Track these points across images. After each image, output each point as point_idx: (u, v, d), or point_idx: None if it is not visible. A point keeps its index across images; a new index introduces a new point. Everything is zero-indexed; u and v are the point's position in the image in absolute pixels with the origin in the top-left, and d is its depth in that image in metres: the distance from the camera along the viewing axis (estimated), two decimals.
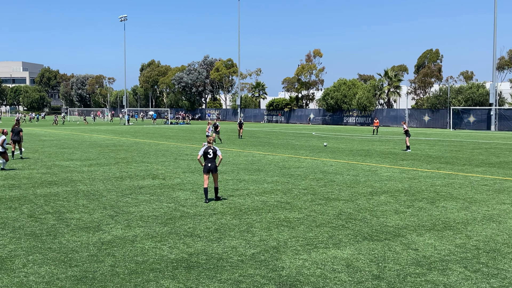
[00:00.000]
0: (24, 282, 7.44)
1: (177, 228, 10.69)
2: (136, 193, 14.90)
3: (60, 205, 13.06)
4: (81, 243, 9.53)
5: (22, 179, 17.48)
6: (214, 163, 13.43)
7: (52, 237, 9.95)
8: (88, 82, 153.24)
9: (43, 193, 14.81)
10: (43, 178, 17.90)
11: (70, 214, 12.06)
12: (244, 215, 12.03)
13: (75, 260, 8.46)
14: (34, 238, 9.86)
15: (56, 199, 13.89)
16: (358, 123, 79.65)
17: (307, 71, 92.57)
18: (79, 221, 11.33)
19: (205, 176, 13.48)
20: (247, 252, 8.97)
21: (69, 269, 8.00)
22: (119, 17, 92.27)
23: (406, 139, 29.87)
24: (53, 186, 16.19)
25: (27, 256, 8.66)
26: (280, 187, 16.16)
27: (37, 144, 34.16)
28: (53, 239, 9.76)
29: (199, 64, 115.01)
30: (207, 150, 13.43)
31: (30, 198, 14.09)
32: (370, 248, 9.23)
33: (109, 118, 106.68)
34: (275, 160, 24.30)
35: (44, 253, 8.87)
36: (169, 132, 52.98)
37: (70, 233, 10.26)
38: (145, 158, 24.72)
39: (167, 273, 7.86)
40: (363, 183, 17.00)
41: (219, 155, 13.50)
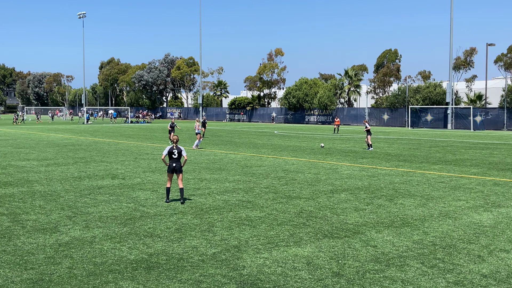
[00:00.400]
0: None
1: (137, 229, 10.55)
2: (95, 194, 14.63)
3: (16, 206, 12.69)
4: (38, 245, 9.28)
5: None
6: (179, 163, 13.24)
7: (6, 239, 9.66)
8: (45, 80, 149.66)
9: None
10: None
11: (26, 215, 11.74)
12: (206, 214, 11.97)
13: (31, 263, 8.23)
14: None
15: (11, 200, 13.50)
16: (319, 121, 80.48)
17: (269, 69, 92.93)
18: (36, 222, 11.04)
19: (169, 175, 13.31)
20: (208, 252, 8.93)
21: (25, 272, 7.79)
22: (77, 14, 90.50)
23: (368, 138, 30.11)
24: (8, 186, 15.73)
25: None
26: (242, 186, 16.16)
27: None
28: (8, 242, 9.48)
29: (160, 62, 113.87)
30: (172, 150, 13.25)
31: None
32: (330, 246, 9.33)
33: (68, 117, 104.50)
34: (237, 159, 24.29)
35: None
36: (129, 131, 52.28)
37: (26, 235, 9.99)
38: (104, 158, 24.31)
39: (127, 274, 7.74)
40: (324, 181, 17.18)
41: (184, 155, 13.34)
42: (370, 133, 30.39)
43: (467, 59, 73.07)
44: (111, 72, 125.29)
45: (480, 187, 16.03)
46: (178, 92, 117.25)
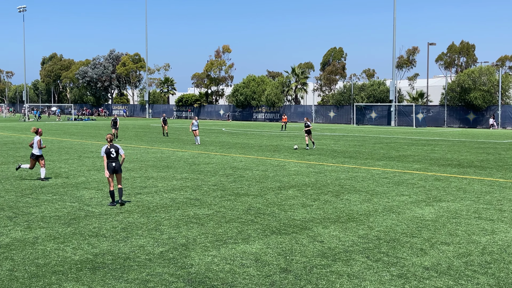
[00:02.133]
0: None
1: (82, 228, 10.29)
2: (37, 193, 14.16)
3: None
4: None
5: None
6: (118, 163, 12.65)
7: None
8: None
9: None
10: None
11: None
12: (152, 213, 11.82)
13: None
14: None
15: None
16: (267, 119, 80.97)
17: (216, 67, 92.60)
18: None
19: (110, 177, 12.56)
20: (155, 251, 8.82)
21: None
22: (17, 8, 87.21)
23: (309, 137, 28.93)
24: None
25: None
26: (190, 183, 16.05)
27: None
28: None
29: (104, 58, 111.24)
30: (110, 150, 12.57)
31: None
32: (278, 242, 9.41)
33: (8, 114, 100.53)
34: (184, 156, 24.10)
35: None
36: (73, 128, 50.90)
37: None
38: (47, 156, 23.54)
39: (71, 275, 7.54)
40: (272, 178, 17.31)
41: (121, 154, 12.75)
42: (310, 132, 29.03)
43: (410, 57, 75.40)
44: (53, 68, 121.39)
45: (422, 182, 16.58)
46: (124, 89, 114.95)
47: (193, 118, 32.97)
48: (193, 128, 32.01)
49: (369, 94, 70.18)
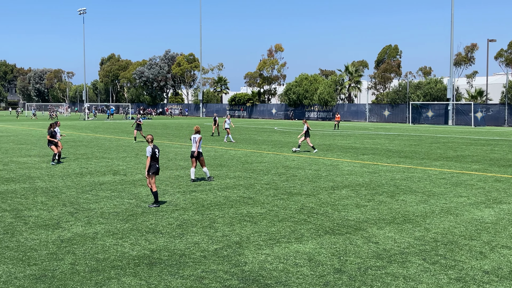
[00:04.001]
0: None
1: (139, 225, 10.58)
2: (97, 190, 14.65)
3: (18, 203, 12.72)
4: (40, 241, 9.31)
5: None
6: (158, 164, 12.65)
7: (9, 235, 9.69)
8: (46, 76, 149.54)
9: (0, 191, 14.41)
10: (0, 175, 17.41)
11: (28, 211, 11.76)
12: (207, 210, 11.99)
13: (33, 259, 8.26)
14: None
15: (14, 197, 13.52)
16: (319, 118, 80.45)
17: (269, 66, 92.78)
18: (38, 218, 11.07)
19: (154, 178, 12.46)
20: (210, 248, 8.95)
21: (28, 268, 7.81)
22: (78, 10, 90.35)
23: (308, 140, 25.92)
24: (10, 183, 15.75)
25: None
26: (243, 182, 16.18)
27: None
28: (11, 238, 9.51)
29: (160, 58, 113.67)
30: (154, 150, 12.48)
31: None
32: (332, 242, 9.35)
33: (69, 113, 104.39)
34: (237, 155, 24.30)
35: (1, 252, 8.63)
36: (130, 127, 52.25)
37: (29, 231, 10.02)
38: (105, 154, 24.33)
39: (129, 270, 7.77)
40: (325, 177, 17.19)
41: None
42: (309, 134, 26.14)
43: (468, 55, 72.99)
44: (111, 68, 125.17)
45: (481, 183, 16.04)
46: (179, 89, 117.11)
47: (226, 116, 33.92)
48: (226, 126, 33.25)
49: (425, 92, 68.47)
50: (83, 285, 7.16)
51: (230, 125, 34.00)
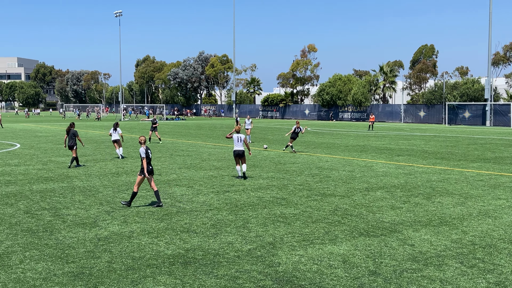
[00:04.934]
0: (21, 278, 7.43)
1: (174, 224, 10.70)
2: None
3: (56, 201, 13.04)
4: (78, 239, 9.52)
5: (18, 175, 17.43)
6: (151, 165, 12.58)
7: (48, 233, 9.94)
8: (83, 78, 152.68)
9: (39, 189, 14.78)
10: (39, 174, 17.85)
11: (67, 210, 12.04)
12: (240, 211, 12.04)
13: (71, 256, 8.45)
14: (30, 234, 9.85)
15: (52, 195, 13.86)
16: (353, 118, 79.76)
17: (302, 66, 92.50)
18: (76, 217, 11.32)
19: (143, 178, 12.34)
20: (244, 248, 8.98)
21: (66, 265, 8.00)
22: (114, 13, 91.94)
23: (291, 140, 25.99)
24: (49, 182, 16.15)
25: (24, 252, 8.65)
26: (276, 182, 16.18)
27: (33, 140, 34.05)
28: (50, 235, 9.75)
29: (194, 60, 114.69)
30: (148, 151, 12.44)
31: (26, 194, 14.06)
32: (367, 244, 9.26)
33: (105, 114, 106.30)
34: (270, 155, 24.31)
35: (41, 249, 8.86)
36: (164, 128, 52.89)
37: (67, 229, 10.25)
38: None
39: (164, 269, 7.86)
40: (359, 178, 17.04)
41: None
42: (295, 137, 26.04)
43: (507, 54, 71.16)
44: (146, 70, 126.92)
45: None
46: (212, 90, 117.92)
47: (246, 117, 33.76)
48: (246, 127, 32.97)
49: (462, 92, 67.07)
50: (119, 283, 7.28)
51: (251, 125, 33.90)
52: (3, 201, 13.02)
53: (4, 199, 13.35)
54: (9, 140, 33.68)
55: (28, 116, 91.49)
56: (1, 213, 11.63)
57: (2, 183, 15.88)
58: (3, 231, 10.08)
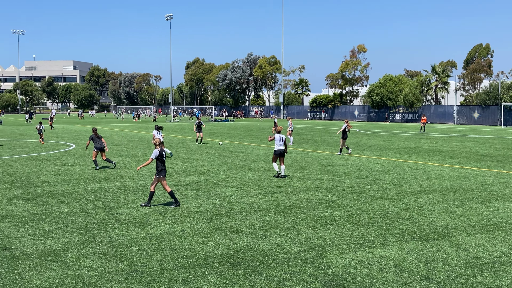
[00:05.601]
0: (77, 275, 7.69)
1: (223, 224, 10.80)
2: (183, 189, 15.13)
3: (110, 200, 13.40)
4: (131, 237, 9.76)
5: (74, 175, 18.03)
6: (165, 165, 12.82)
7: (103, 231, 10.23)
8: (135, 80, 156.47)
9: (94, 189, 15.24)
10: (94, 173, 18.41)
11: (120, 209, 12.36)
12: (289, 212, 12.03)
13: (125, 255, 8.67)
14: (86, 232, 10.17)
15: (106, 195, 14.26)
16: (404, 120, 78.21)
17: (351, 67, 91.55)
18: (129, 216, 11.60)
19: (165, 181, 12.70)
20: (293, 250, 8.97)
21: (120, 263, 8.21)
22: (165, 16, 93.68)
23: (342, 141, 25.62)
24: (103, 181, 16.63)
25: (80, 250, 8.94)
26: (325, 184, 16.07)
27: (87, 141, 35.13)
28: (104, 234, 10.04)
29: (242, 61, 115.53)
30: (162, 153, 12.68)
31: (81, 193, 14.52)
32: (419, 248, 9.06)
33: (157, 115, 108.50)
34: (319, 157, 24.17)
35: (96, 247, 9.13)
36: (213, 129, 53.46)
37: (120, 227, 10.53)
38: (190, 155, 25.06)
39: (214, 269, 7.95)
40: (411, 181, 16.70)
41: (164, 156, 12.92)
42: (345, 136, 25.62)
43: None
44: (196, 72, 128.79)
45: None
46: (260, 91, 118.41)
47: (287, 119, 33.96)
48: (289, 128, 33.06)
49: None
50: (171, 281, 7.42)
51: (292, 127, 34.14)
52: (60, 200, 13.50)
53: (61, 197, 13.85)
54: (64, 141, 34.89)
55: (82, 118, 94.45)
56: (58, 212, 12.07)
57: (59, 182, 16.47)
58: (60, 228, 10.46)
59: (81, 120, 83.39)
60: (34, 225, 10.71)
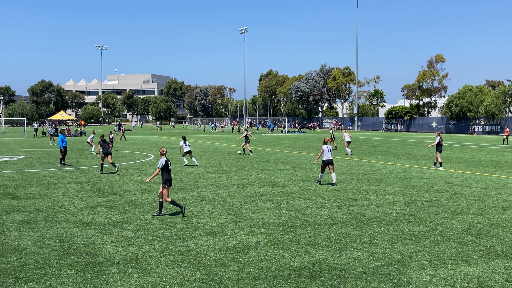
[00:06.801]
0: (158, 282, 7.93)
1: (298, 236, 10.77)
2: (257, 200, 15.25)
3: (188, 210, 13.74)
4: (208, 247, 9.95)
5: (153, 184, 18.64)
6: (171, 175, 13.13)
7: (181, 240, 10.50)
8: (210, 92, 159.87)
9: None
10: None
11: (197, 218, 12.65)
12: (365, 226, 11.81)
13: (203, 264, 8.85)
14: (165, 240, 10.48)
15: (184, 204, 14.63)
16: (485, 132, 74.78)
17: (428, 77, 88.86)
18: (205, 225, 11.84)
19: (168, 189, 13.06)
20: (370, 264, 8.79)
21: (198, 272, 8.39)
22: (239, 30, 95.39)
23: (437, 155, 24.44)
24: (181, 191, 17.08)
25: (160, 258, 9.22)
26: (402, 198, 15.65)
27: None
28: (182, 242, 10.30)
29: (316, 73, 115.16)
30: (168, 163, 13.09)
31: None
32: (505, 267, 8.61)
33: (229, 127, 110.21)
34: (395, 170, 23.59)
35: (175, 255, 9.39)
36: (286, 140, 53.55)
37: (198, 237, 10.76)
38: (264, 166, 25.22)
39: (290, 281, 7.94)
40: (494, 196, 15.92)
41: None
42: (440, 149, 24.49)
43: None
44: (269, 83, 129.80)
45: None
46: (334, 102, 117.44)
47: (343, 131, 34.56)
48: (347, 139, 34.04)
49: None
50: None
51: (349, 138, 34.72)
52: (140, 209, 14.01)
53: (141, 206, 14.36)
54: (144, 151, 36.19)
55: (160, 129, 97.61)
56: (139, 220, 12.52)
57: (139, 191, 17.10)
58: (141, 236, 10.84)
59: (159, 132, 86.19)
60: (116, 233, 11.17)
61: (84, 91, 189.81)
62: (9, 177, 20.96)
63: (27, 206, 14.37)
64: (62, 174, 22.05)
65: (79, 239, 10.55)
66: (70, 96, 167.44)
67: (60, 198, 15.68)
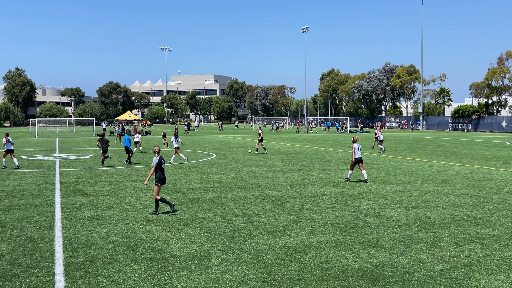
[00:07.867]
0: (220, 280, 8.04)
1: (361, 238, 10.61)
2: (318, 200, 15.15)
3: (249, 209, 13.84)
4: (269, 246, 9.98)
5: (215, 183, 18.92)
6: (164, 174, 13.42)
7: (242, 238, 10.59)
8: (271, 92, 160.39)
9: (234, 197, 15.86)
10: (233, 182, 19.16)
11: (258, 217, 12.72)
12: (431, 228, 11.47)
13: (264, 262, 8.89)
14: (227, 238, 10.61)
15: (245, 203, 14.76)
16: None
17: (498, 75, 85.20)
18: (266, 224, 11.89)
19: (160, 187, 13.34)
20: (436, 268, 8.53)
21: (259, 271, 8.44)
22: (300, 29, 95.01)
23: None
24: (242, 190, 17.23)
25: (222, 255, 9.34)
26: (470, 200, 15.09)
27: (226, 150, 36.70)
28: (244, 241, 10.39)
29: (379, 71, 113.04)
30: (161, 161, 13.35)
31: (222, 201, 15.19)
32: None
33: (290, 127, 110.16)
34: (462, 171, 22.77)
35: (236, 253, 9.48)
36: (347, 140, 52.87)
37: (259, 236, 10.82)
38: (325, 166, 25.02)
39: (353, 283, 7.83)
40: None
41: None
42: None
43: None
44: (331, 83, 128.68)
45: None
46: (398, 101, 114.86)
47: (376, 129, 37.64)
48: (380, 138, 35.74)
49: None
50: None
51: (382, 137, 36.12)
52: (203, 207, 14.25)
53: (204, 204, 14.61)
54: (206, 151, 36.79)
55: (221, 129, 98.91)
56: (202, 218, 12.74)
57: (202, 190, 17.39)
58: (203, 234, 11.02)
59: (221, 131, 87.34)
60: (180, 230, 11.42)
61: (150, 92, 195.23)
62: (79, 174, 21.89)
63: (96, 202, 14.96)
64: (129, 172, 22.79)
65: (144, 235, 10.87)
66: (136, 96, 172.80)
67: (126, 196, 16.21)
